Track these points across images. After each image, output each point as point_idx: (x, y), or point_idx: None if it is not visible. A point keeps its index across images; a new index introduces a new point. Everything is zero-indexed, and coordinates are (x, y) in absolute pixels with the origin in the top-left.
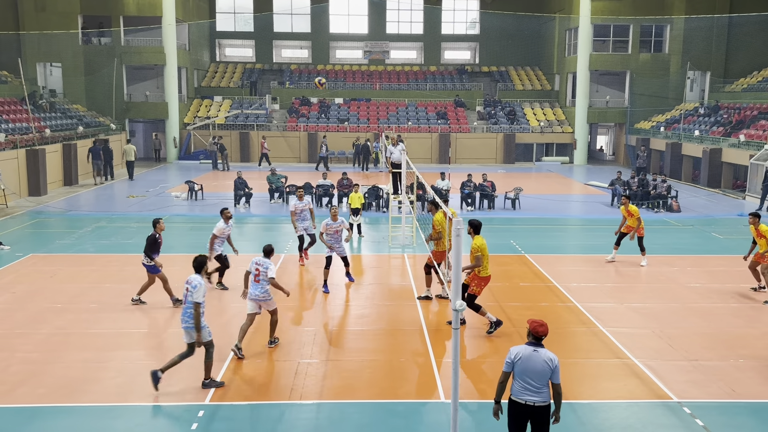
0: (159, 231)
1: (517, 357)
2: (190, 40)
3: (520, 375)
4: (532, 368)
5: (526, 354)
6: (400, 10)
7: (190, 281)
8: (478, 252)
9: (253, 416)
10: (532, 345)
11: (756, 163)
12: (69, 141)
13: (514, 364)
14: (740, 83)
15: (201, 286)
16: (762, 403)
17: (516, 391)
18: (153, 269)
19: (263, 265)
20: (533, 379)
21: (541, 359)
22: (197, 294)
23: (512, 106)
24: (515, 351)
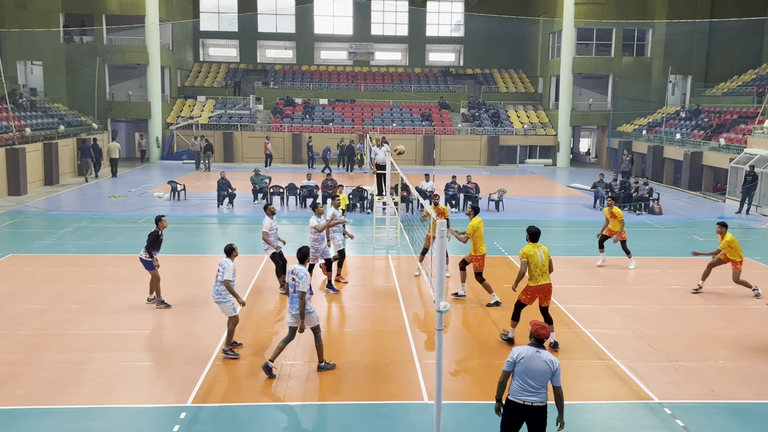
0: (161, 228)
1: (519, 357)
2: (174, 39)
3: (520, 375)
4: (534, 369)
5: (529, 354)
6: (384, 11)
7: (296, 272)
8: (524, 258)
9: (236, 418)
10: (535, 346)
11: (736, 166)
12: (50, 140)
13: (515, 363)
14: (720, 87)
15: (306, 276)
16: (741, 403)
17: (515, 391)
18: (149, 265)
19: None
20: (533, 380)
21: (543, 360)
22: (303, 284)
23: (496, 108)
24: (518, 351)
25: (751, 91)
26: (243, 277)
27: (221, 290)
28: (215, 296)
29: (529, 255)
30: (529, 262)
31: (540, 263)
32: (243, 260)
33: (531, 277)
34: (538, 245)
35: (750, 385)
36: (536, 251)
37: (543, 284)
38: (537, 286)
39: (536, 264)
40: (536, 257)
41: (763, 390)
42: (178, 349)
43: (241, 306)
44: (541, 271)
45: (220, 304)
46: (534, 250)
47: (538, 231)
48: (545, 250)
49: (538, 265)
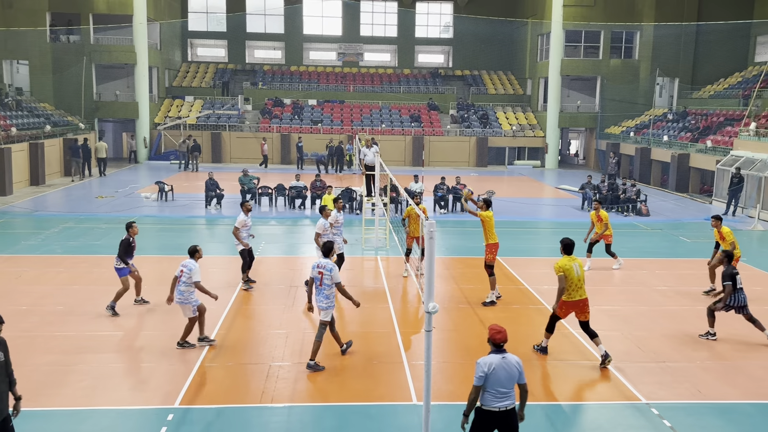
0: (132, 234)
1: (490, 368)
2: (162, 39)
3: (492, 385)
4: (504, 375)
5: (497, 363)
6: (374, 12)
7: (323, 265)
8: (560, 273)
9: (223, 420)
10: (499, 352)
11: (722, 168)
12: (36, 140)
13: (487, 377)
14: (707, 90)
15: (335, 268)
16: (727, 403)
17: (487, 400)
18: (122, 272)
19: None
20: (505, 386)
21: (512, 364)
22: (335, 275)
23: (485, 109)
24: (487, 362)
25: (737, 93)
26: (230, 278)
27: (184, 291)
28: (179, 296)
29: (566, 269)
30: (566, 276)
31: (576, 278)
32: (231, 261)
33: (565, 292)
34: (573, 258)
35: (736, 385)
36: (572, 265)
37: (578, 300)
38: (572, 301)
39: (572, 279)
40: (572, 271)
41: (749, 390)
42: (166, 351)
43: (214, 300)
44: (577, 286)
45: (182, 304)
46: (570, 263)
47: (572, 242)
48: (580, 263)
49: (574, 279)
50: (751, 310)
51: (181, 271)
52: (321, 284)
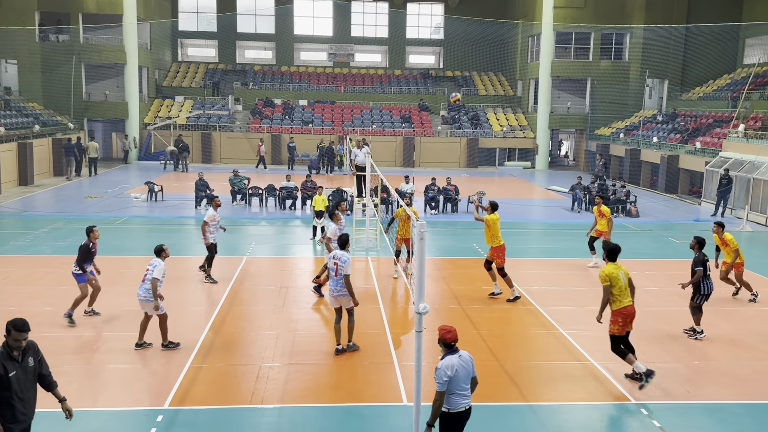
0: (93, 240)
1: (453, 371)
2: (152, 39)
3: (455, 386)
4: (464, 374)
5: (456, 364)
6: (365, 13)
7: (339, 257)
8: (606, 282)
9: (214, 421)
10: (453, 353)
11: (711, 169)
12: (24, 140)
13: (451, 379)
14: (696, 92)
15: (349, 260)
16: (717, 404)
17: (455, 402)
18: (80, 278)
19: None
20: (465, 383)
21: (468, 361)
22: (347, 267)
23: (476, 110)
24: (449, 365)
25: (726, 95)
26: (220, 280)
27: (150, 289)
28: (143, 294)
29: (613, 277)
30: (612, 285)
31: (623, 285)
32: (221, 262)
33: (614, 301)
34: (618, 265)
35: (725, 385)
36: (619, 272)
37: (628, 305)
38: (622, 308)
39: (619, 286)
40: (620, 280)
41: (738, 391)
42: (155, 352)
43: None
44: (625, 294)
45: (145, 302)
46: (616, 271)
47: (617, 248)
48: (625, 270)
49: (622, 287)
50: (739, 309)
51: (147, 269)
52: (336, 274)
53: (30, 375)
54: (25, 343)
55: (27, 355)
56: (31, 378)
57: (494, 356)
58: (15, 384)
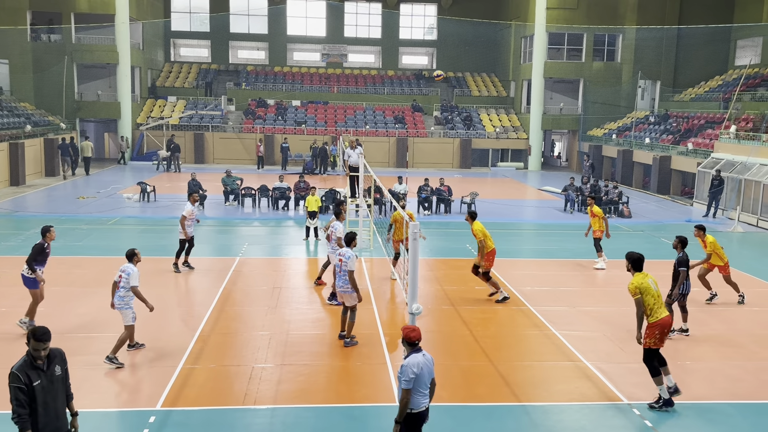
0: (49, 240)
1: (420, 369)
2: (144, 39)
3: (418, 385)
4: (427, 374)
5: (421, 362)
6: (358, 13)
7: (344, 254)
8: (637, 295)
9: (206, 422)
10: (417, 351)
11: (703, 170)
12: (16, 140)
13: (417, 377)
14: (688, 93)
15: (353, 257)
16: (707, 404)
17: (417, 402)
18: (32, 283)
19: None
20: (427, 384)
21: (430, 361)
22: (351, 263)
23: (469, 111)
24: (416, 363)
25: (718, 96)
26: (213, 280)
27: (124, 296)
28: (119, 302)
29: (644, 288)
30: (644, 296)
31: (656, 294)
32: (214, 262)
33: (648, 312)
34: (646, 274)
35: (716, 386)
36: (648, 282)
37: (664, 317)
38: (659, 321)
39: (652, 295)
40: (651, 289)
41: (728, 391)
42: (148, 352)
43: (150, 310)
44: (659, 303)
45: (123, 309)
46: (646, 281)
47: (641, 257)
48: (654, 279)
49: (654, 296)
50: (729, 309)
51: (120, 275)
52: (340, 270)
53: (58, 384)
54: (46, 352)
55: (53, 363)
56: (60, 387)
57: (487, 357)
58: (40, 394)
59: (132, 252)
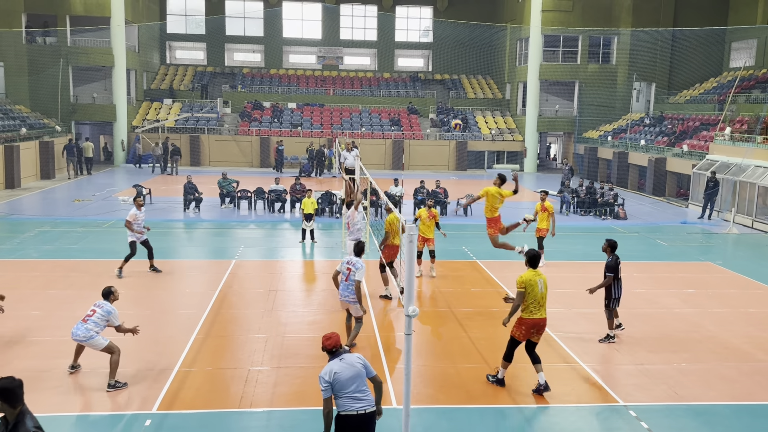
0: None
1: (332, 375)
2: (140, 41)
3: (342, 389)
4: (349, 376)
5: (337, 367)
6: (353, 16)
7: (354, 263)
8: (521, 288)
9: (202, 425)
10: (336, 356)
11: (698, 172)
12: (11, 143)
13: (332, 385)
14: (683, 95)
15: (363, 267)
16: (704, 405)
17: (345, 405)
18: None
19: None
20: (355, 387)
21: (353, 362)
22: (360, 274)
23: (464, 113)
24: (327, 371)
25: (713, 98)
26: (209, 283)
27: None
28: (85, 333)
29: (529, 284)
30: (527, 292)
31: (540, 294)
32: (210, 265)
33: (525, 309)
34: (538, 273)
35: (712, 387)
36: (537, 280)
37: (539, 318)
38: (532, 320)
39: (534, 295)
40: (536, 287)
41: (725, 392)
42: (144, 355)
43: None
44: (539, 304)
45: (90, 341)
46: (535, 278)
47: (538, 254)
48: (545, 280)
49: (537, 296)
50: (725, 312)
51: (93, 311)
52: (347, 279)
53: None
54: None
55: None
56: None
57: (483, 359)
58: None
59: (108, 290)
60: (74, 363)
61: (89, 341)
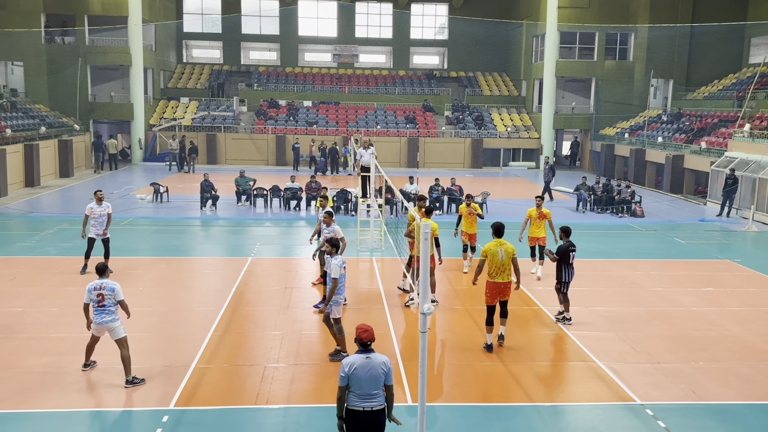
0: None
1: (352, 368)
2: (157, 40)
3: (356, 385)
4: (368, 375)
5: (360, 363)
6: (369, 14)
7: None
8: (483, 256)
9: (219, 421)
10: (363, 353)
11: (717, 169)
12: (31, 141)
13: (349, 377)
14: (701, 91)
15: (337, 266)
16: (722, 404)
17: (351, 400)
18: None
19: (107, 287)
20: (367, 387)
21: (376, 365)
22: (335, 271)
23: (480, 111)
24: (349, 362)
25: (732, 95)
26: (226, 280)
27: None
28: (110, 317)
29: (490, 253)
30: (489, 260)
31: (499, 262)
32: (226, 263)
33: (489, 274)
34: (501, 242)
35: (730, 386)
36: (497, 249)
37: (500, 282)
38: (494, 283)
39: (495, 262)
40: (497, 256)
41: (743, 391)
42: (161, 352)
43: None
44: (500, 270)
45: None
46: (495, 248)
47: (501, 226)
48: (508, 249)
49: (497, 263)
50: (744, 311)
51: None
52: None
53: None
54: None
55: None
56: None
57: (499, 357)
58: None
59: (104, 266)
60: (87, 361)
61: (111, 323)
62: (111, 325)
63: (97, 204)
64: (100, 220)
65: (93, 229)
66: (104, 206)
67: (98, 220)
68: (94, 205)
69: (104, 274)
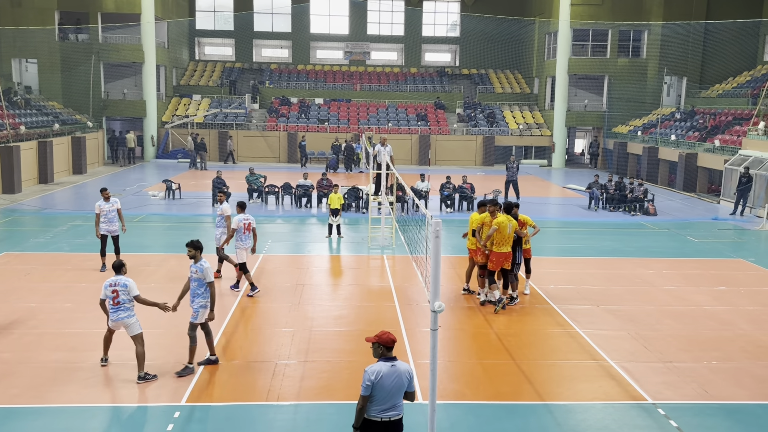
0: None
1: (378, 377)
2: (169, 38)
3: (378, 394)
4: (393, 385)
5: (386, 371)
6: (381, 11)
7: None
8: (496, 225)
9: (230, 417)
10: (388, 360)
11: (730, 167)
12: (44, 138)
13: (374, 386)
14: (715, 89)
15: (207, 269)
16: (734, 404)
17: (371, 410)
18: None
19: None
20: (392, 396)
21: (400, 374)
22: (207, 275)
23: (492, 108)
24: (374, 370)
25: (746, 92)
26: (235, 277)
27: (130, 307)
28: (126, 313)
29: (502, 225)
30: (499, 229)
31: (507, 234)
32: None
33: (496, 245)
34: (510, 218)
35: (743, 386)
36: (507, 224)
37: (505, 251)
38: (501, 252)
39: (503, 234)
40: (506, 229)
41: (756, 391)
42: (173, 348)
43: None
44: (506, 241)
45: (128, 319)
46: (506, 222)
47: (511, 205)
48: (514, 224)
49: (505, 235)
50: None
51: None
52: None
53: None
54: None
55: None
56: None
57: (510, 355)
58: None
59: (120, 263)
60: (105, 355)
61: (127, 320)
62: (127, 322)
63: (105, 201)
64: (110, 216)
65: (104, 226)
66: (112, 202)
67: (108, 216)
68: (102, 202)
69: (120, 271)
